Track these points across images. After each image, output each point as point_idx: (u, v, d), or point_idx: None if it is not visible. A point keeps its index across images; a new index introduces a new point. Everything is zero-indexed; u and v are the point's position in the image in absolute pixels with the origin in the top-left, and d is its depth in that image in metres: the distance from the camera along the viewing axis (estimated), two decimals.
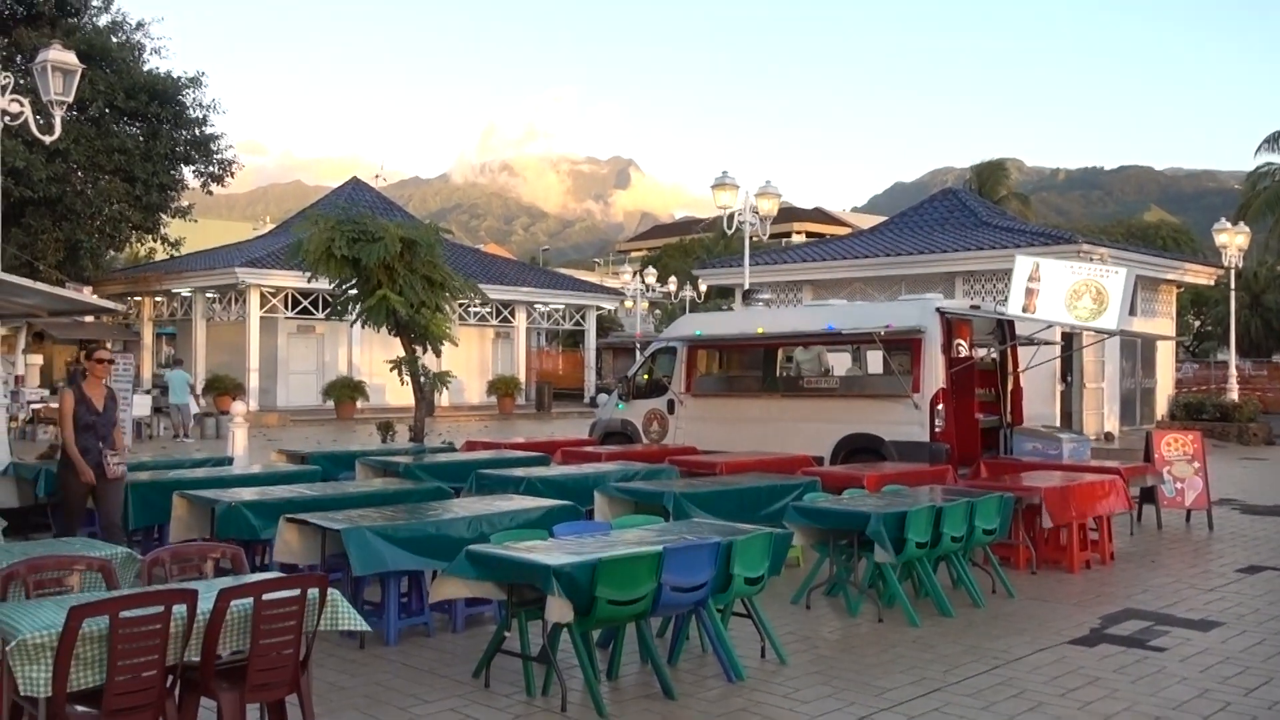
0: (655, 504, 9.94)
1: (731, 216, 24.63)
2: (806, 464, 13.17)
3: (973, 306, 16.12)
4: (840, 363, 17.38)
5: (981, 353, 15.33)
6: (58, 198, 31.20)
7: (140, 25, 34.21)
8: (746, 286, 23.90)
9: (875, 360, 16.29)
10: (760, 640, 7.50)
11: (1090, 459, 14.00)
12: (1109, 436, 24.74)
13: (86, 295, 28.72)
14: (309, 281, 18.31)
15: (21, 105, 16.47)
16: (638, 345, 22.61)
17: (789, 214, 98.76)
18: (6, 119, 16.71)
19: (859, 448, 14.76)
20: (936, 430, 14.14)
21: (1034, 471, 12.36)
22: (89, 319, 31.69)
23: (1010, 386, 15.37)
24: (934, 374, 14.33)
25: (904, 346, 14.64)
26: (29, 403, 25.54)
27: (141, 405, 25.78)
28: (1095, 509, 11.00)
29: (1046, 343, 15.58)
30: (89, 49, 29.95)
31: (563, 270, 70.48)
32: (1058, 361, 22.46)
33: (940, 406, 14.21)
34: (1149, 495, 13.85)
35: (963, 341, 14.82)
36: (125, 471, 9.18)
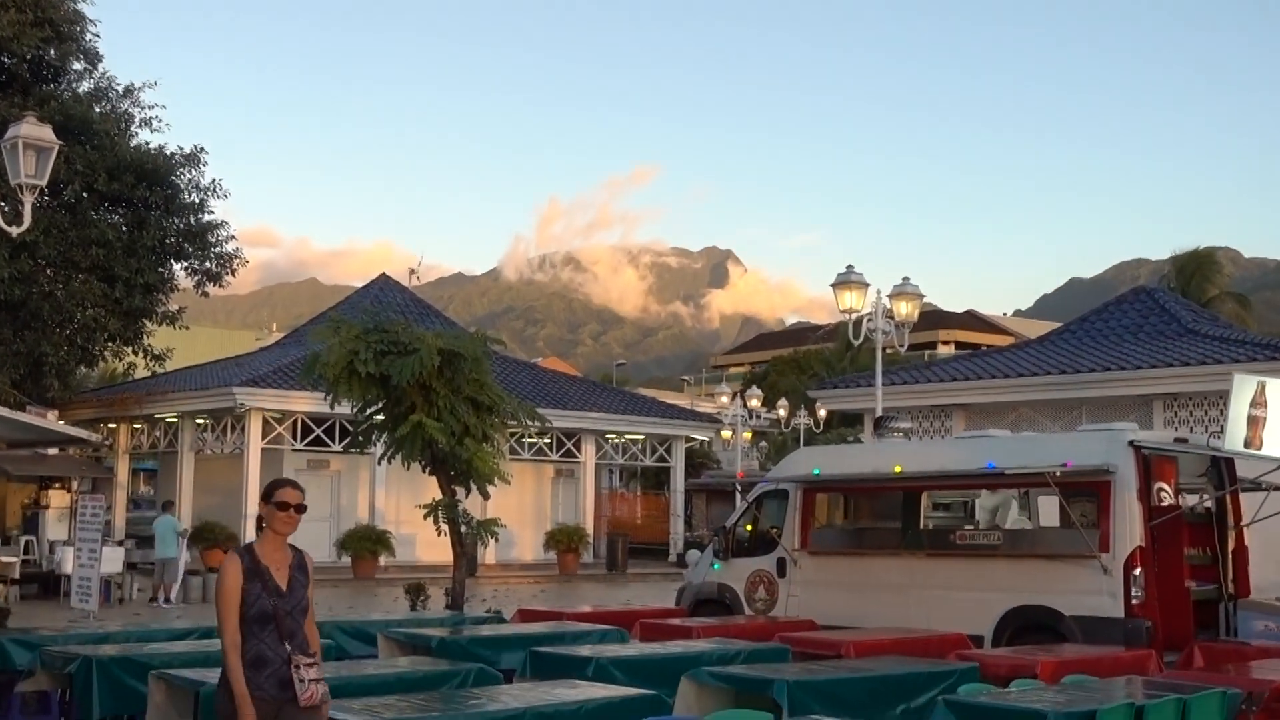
0: (762, 695, 9.79)
1: (859, 323, 24.66)
2: (961, 645, 13.03)
3: (1178, 440, 16.00)
4: (1004, 512, 17.16)
5: (1191, 500, 15.14)
6: (21, 301, 32.34)
7: (129, 92, 35.84)
8: (879, 413, 23.79)
9: (1050, 509, 16.12)
10: None
11: None
12: None
13: (51, 421, 29.39)
14: (327, 405, 18.77)
15: None
16: (738, 487, 22.62)
17: (933, 319, 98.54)
18: None
19: (1029, 624, 14.61)
20: (1133, 602, 13.93)
21: (1266, 660, 12.00)
22: (53, 451, 32.52)
23: (1231, 545, 15.12)
24: (1128, 528, 14.14)
25: (1088, 491, 14.55)
26: None
27: (113, 560, 26.14)
28: None
29: (1278, 487, 15.21)
30: (66, 120, 31.35)
31: (643, 391, 70.74)
32: None
33: (1138, 571, 13.99)
34: None
35: (1165, 485, 14.66)
36: (327, 696, 7.23)
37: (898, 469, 16.13)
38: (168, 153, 35.35)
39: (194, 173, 35.51)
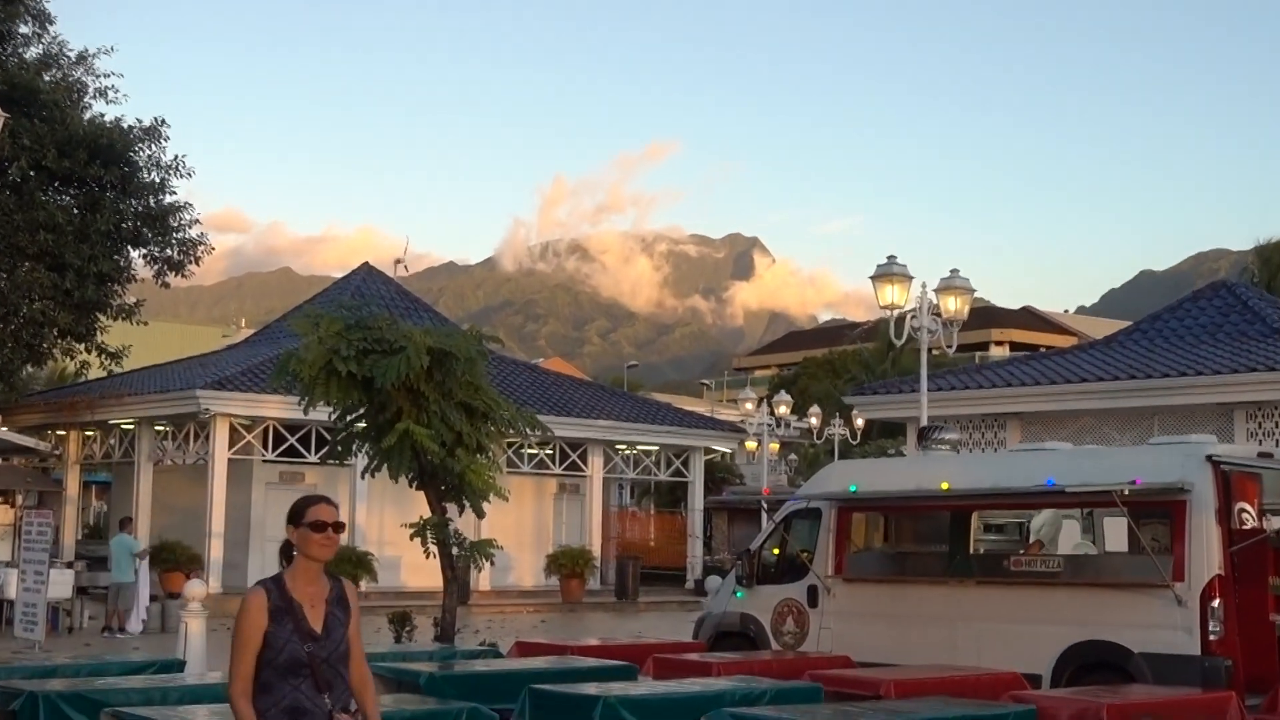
0: None
1: (902, 320, 24.58)
2: (1016, 685, 13.00)
3: (1262, 454, 15.96)
4: (1064, 535, 17.17)
5: (1277, 523, 15.01)
6: None
7: (82, 59, 36.02)
8: (924, 422, 23.59)
9: (1116, 531, 16.15)
10: None
11: None
12: None
13: None
14: (301, 411, 18.71)
15: None
16: (764, 506, 22.61)
17: (986, 317, 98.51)
18: None
19: (1093, 662, 14.60)
20: (1211, 638, 13.90)
21: None
22: None
23: None
24: (1206, 553, 14.11)
25: (1160, 512, 14.56)
26: None
27: (62, 584, 26.18)
28: None
29: None
30: (12, 90, 31.55)
31: (657, 396, 70.77)
32: None
33: (1216, 602, 13.95)
34: None
35: (1248, 506, 14.60)
36: None
37: (945, 486, 16.05)
38: (125, 126, 35.47)
39: (154, 149, 35.67)
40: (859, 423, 50.38)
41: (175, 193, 36.16)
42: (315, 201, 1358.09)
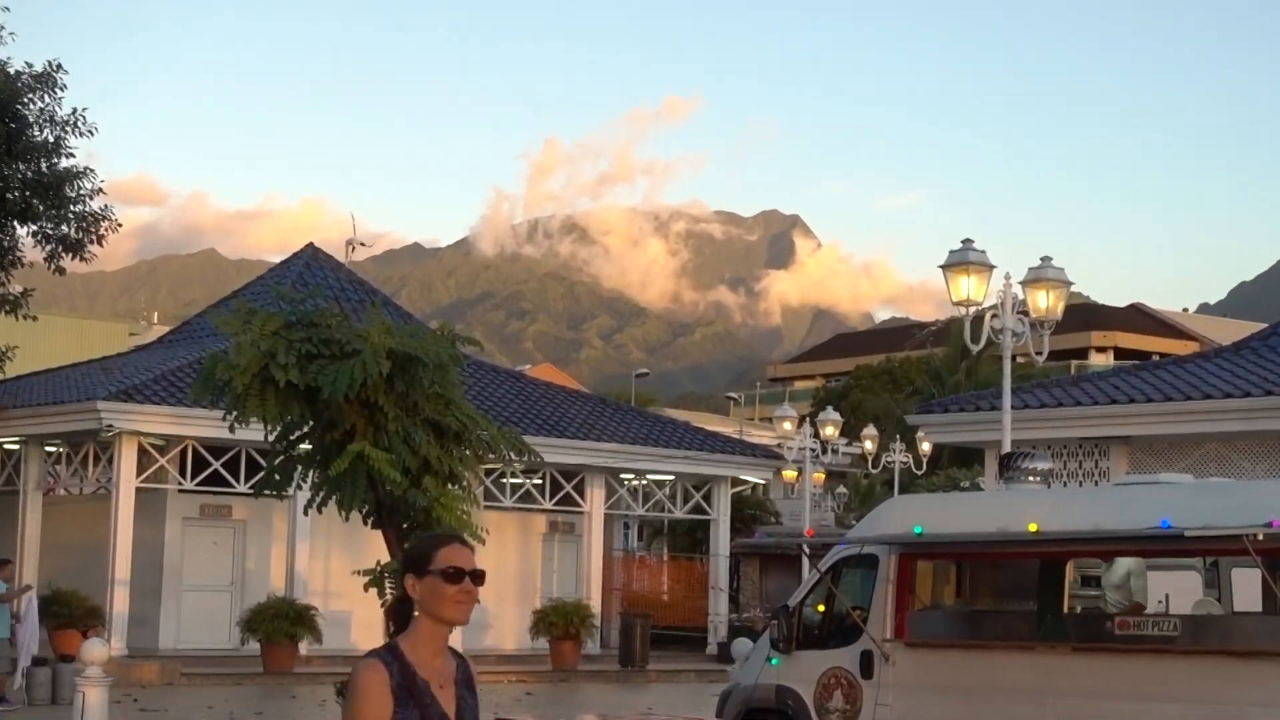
0: None
1: (980, 320, 24.56)
2: None
3: None
4: (1185, 590, 17.14)
5: None
6: None
7: None
8: (1008, 448, 23.57)
9: (1248, 587, 16.07)
10: None
11: None
12: None
13: None
14: (229, 429, 18.37)
15: None
16: (807, 551, 22.37)
17: (1085, 316, 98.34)
18: None
19: None
20: None
21: None
22: None
23: None
24: None
25: None
26: None
27: None
28: None
29: None
30: None
31: (672, 413, 70.69)
32: None
33: None
34: None
35: None
36: None
37: (1033, 528, 15.93)
38: (11, 72, 35.36)
39: (47, 100, 35.54)
40: (925, 448, 50.68)
41: (73, 155, 35.96)
42: (248, 168, 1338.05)
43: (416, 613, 6.06)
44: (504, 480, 37.99)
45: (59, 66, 35.73)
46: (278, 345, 16.69)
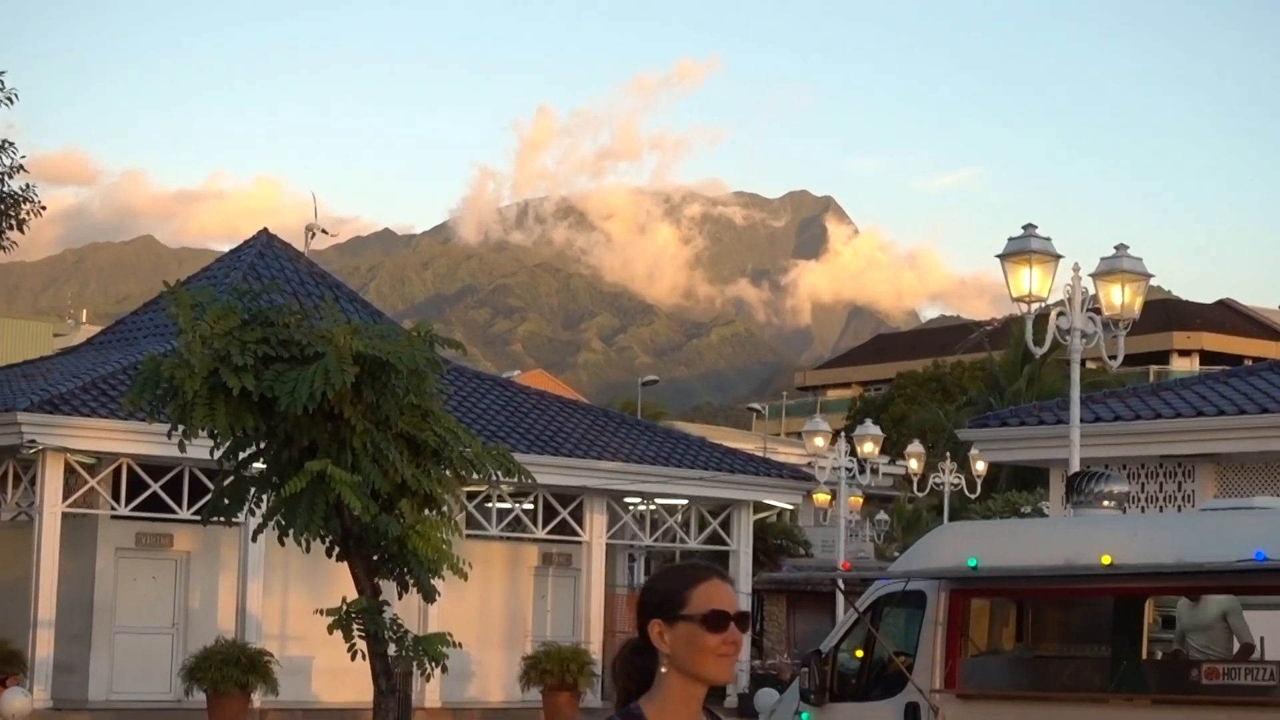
0: None
1: (1044, 319, 24.10)
2: None
3: None
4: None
5: None
6: None
7: None
8: (1076, 467, 23.05)
9: None
10: None
11: None
12: None
13: None
14: (175, 445, 18.05)
15: None
16: (842, 587, 22.96)
17: (1166, 314, 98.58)
18: None
19: None
20: None
21: None
22: None
23: None
24: None
25: None
26: None
27: None
28: None
29: None
30: None
31: (685, 426, 70.64)
32: None
33: None
34: None
35: None
36: None
37: (1107, 560, 15.84)
38: None
39: None
40: (980, 467, 50.25)
41: None
42: (192, 143, 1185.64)
43: (663, 668, 5.10)
44: (490, 505, 37.43)
45: None
46: (231, 346, 16.30)
